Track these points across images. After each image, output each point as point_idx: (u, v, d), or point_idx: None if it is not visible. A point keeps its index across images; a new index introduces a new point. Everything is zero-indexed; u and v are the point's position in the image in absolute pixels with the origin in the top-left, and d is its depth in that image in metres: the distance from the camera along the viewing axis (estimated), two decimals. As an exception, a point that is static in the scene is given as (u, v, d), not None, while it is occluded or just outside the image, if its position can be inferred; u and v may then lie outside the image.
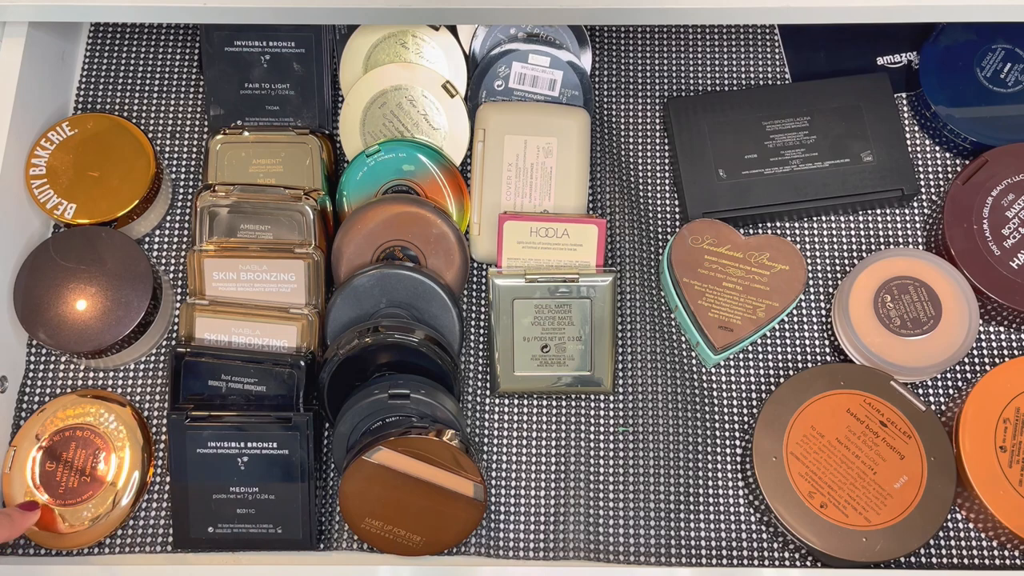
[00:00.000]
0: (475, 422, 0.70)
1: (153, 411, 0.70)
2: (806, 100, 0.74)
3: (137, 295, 0.68)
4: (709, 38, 0.80)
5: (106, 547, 0.67)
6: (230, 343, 0.69)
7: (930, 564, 0.66)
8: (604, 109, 0.78)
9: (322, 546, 0.67)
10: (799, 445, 0.64)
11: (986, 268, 0.69)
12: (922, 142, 0.77)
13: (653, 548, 0.66)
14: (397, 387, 0.64)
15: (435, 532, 0.64)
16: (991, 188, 0.71)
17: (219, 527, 0.65)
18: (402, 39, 0.76)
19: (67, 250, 0.69)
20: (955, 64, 0.75)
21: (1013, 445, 0.64)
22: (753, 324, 0.68)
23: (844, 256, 0.74)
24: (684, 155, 0.73)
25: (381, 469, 0.62)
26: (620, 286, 0.72)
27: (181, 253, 0.74)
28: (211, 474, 0.65)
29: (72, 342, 0.67)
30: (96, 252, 0.69)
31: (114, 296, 0.68)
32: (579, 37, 0.77)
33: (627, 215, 0.74)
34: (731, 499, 0.68)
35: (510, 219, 0.70)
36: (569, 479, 0.68)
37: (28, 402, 0.70)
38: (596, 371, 0.69)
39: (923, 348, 0.67)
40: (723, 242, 0.70)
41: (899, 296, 0.68)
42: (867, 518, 0.62)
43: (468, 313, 0.73)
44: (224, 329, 0.69)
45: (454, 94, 0.74)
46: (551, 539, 0.67)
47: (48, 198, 0.70)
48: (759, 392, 0.71)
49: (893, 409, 0.65)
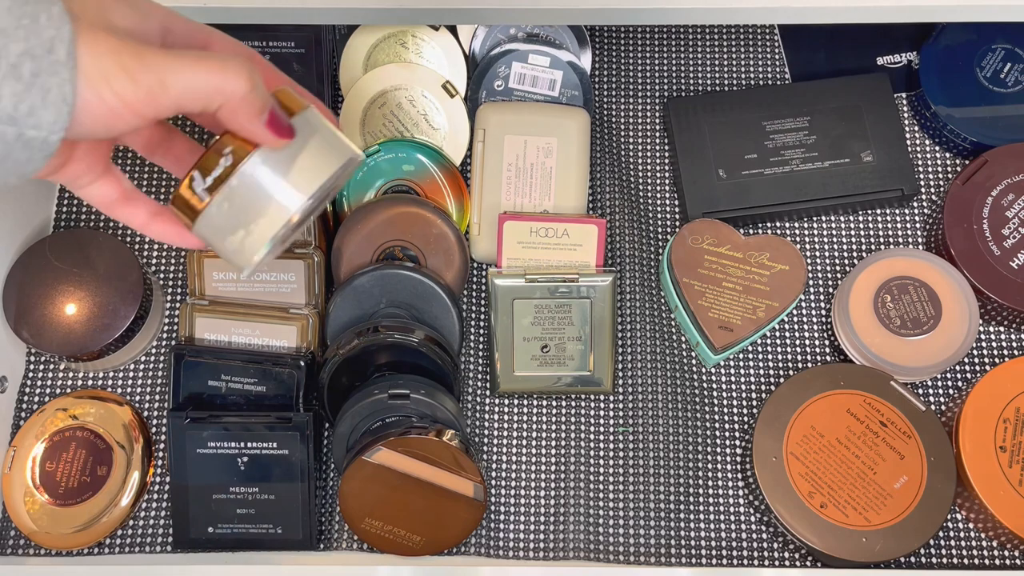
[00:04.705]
0: (475, 422, 0.70)
1: (153, 411, 0.70)
2: (806, 100, 0.74)
3: (125, 304, 0.68)
4: (709, 38, 0.80)
5: (106, 547, 0.67)
6: (230, 343, 0.69)
7: (930, 564, 0.66)
8: (604, 109, 0.78)
9: (322, 546, 0.67)
10: (799, 445, 0.64)
11: (986, 268, 0.69)
12: (922, 142, 0.77)
13: (653, 548, 0.66)
14: (397, 387, 0.64)
15: (435, 532, 0.64)
16: (991, 188, 0.71)
17: (219, 527, 0.65)
18: (402, 39, 0.76)
19: (62, 251, 0.69)
20: (955, 64, 0.75)
21: (1013, 445, 0.64)
22: (753, 324, 0.68)
23: (844, 256, 0.74)
24: (684, 155, 0.73)
25: (381, 469, 0.62)
26: (620, 286, 0.72)
27: (181, 253, 0.74)
28: (211, 474, 0.65)
29: (54, 344, 0.67)
30: (89, 256, 0.68)
31: (102, 303, 0.67)
32: (579, 37, 0.77)
33: (627, 215, 0.74)
34: (731, 499, 0.68)
35: (510, 219, 0.70)
36: (569, 479, 0.68)
37: (28, 402, 0.70)
38: (596, 371, 0.69)
39: (923, 348, 0.67)
40: (723, 242, 0.70)
41: (899, 296, 0.68)
42: (867, 518, 0.62)
43: (468, 313, 0.73)
44: (224, 329, 0.69)
45: (454, 94, 0.74)
46: (551, 539, 0.67)
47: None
48: (759, 392, 0.71)
49: (893, 409, 0.65)
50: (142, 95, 0.39)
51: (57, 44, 0.37)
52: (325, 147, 0.45)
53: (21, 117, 0.37)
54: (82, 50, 0.38)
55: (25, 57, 0.36)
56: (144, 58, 0.39)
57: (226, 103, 0.41)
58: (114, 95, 0.39)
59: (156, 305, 0.71)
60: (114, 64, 0.38)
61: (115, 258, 0.69)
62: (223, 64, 0.41)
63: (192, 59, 0.40)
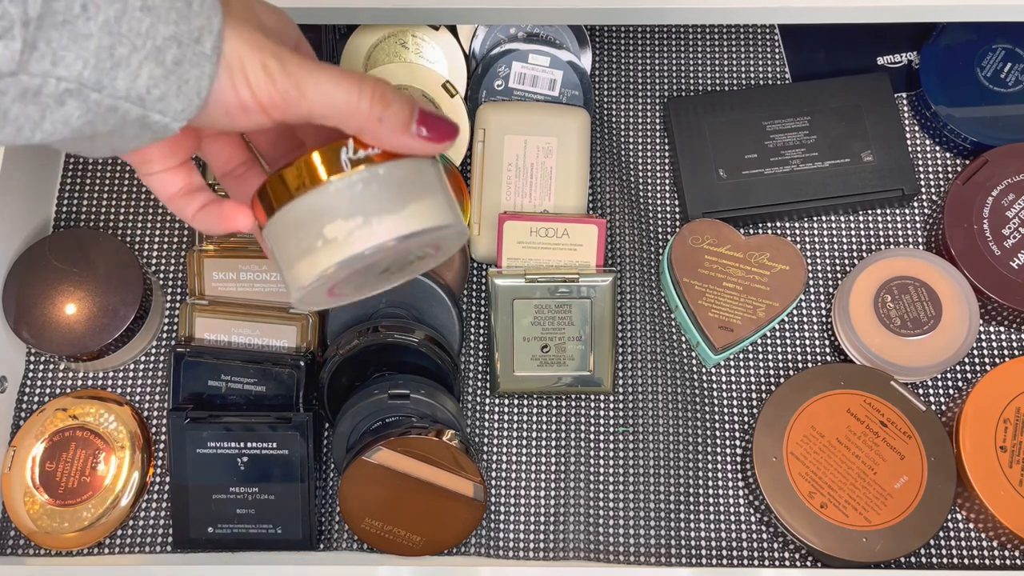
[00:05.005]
0: (475, 422, 0.70)
1: (153, 411, 0.70)
2: (806, 100, 0.74)
3: (125, 304, 0.68)
4: (709, 38, 0.80)
5: (106, 547, 0.67)
6: (230, 343, 0.69)
7: (930, 564, 0.66)
8: (604, 109, 0.78)
9: (322, 546, 0.67)
10: (799, 445, 0.64)
11: (986, 268, 0.69)
12: (922, 142, 0.77)
13: (653, 548, 0.66)
14: (397, 387, 0.64)
15: (435, 532, 0.64)
16: (991, 188, 0.71)
17: (219, 527, 0.65)
18: (402, 39, 0.76)
19: (62, 251, 0.69)
20: (955, 64, 0.75)
21: (1013, 445, 0.64)
22: (753, 324, 0.68)
23: (844, 256, 0.74)
24: (684, 155, 0.73)
25: (381, 469, 0.62)
26: (620, 286, 0.72)
27: (181, 253, 0.74)
28: (211, 474, 0.65)
29: (54, 344, 0.67)
30: (89, 256, 0.68)
31: (101, 303, 0.67)
32: (579, 37, 0.77)
33: (627, 215, 0.74)
34: (731, 499, 0.68)
35: (510, 219, 0.70)
36: (569, 479, 0.68)
37: (28, 402, 0.70)
38: (596, 371, 0.69)
39: (923, 348, 0.67)
40: (723, 242, 0.70)
41: (899, 296, 0.68)
42: (867, 518, 0.62)
43: (468, 313, 0.73)
44: (224, 329, 0.69)
45: (454, 94, 0.74)
46: (551, 539, 0.67)
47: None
48: (759, 392, 0.71)
49: (893, 409, 0.65)
50: (277, 97, 0.39)
51: (205, 35, 0.36)
52: (444, 199, 0.43)
53: (152, 100, 0.36)
54: (227, 43, 0.37)
55: (171, 42, 0.35)
56: (285, 61, 0.39)
57: (365, 123, 0.41)
58: (250, 92, 0.38)
59: (156, 305, 0.71)
60: (256, 61, 0.38)
61: (115, 258, 0.69)
62: (359, 81, 0.40)
63: (332, 72, 0.40)
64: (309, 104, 0.40)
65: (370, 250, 0.41)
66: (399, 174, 0.42)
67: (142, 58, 0.35)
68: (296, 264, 0.42)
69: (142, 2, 0.35)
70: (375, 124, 0.41)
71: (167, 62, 0.36)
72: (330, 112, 0.40)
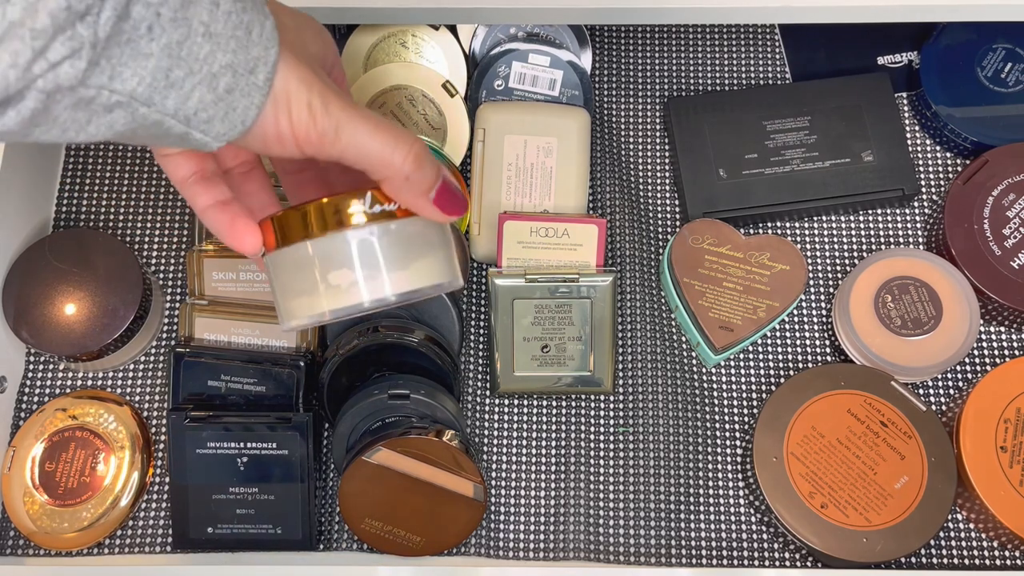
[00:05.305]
0: (475, 422, 0.70)
1: (153, 411, 0.70)
2: (806, 100, 0.74)
3: (125, 304, 0.67)
4: (709, 38, 0.80)
5: (105, 548, 0.67)
6: (230, 343, 0.69)
7: (930, 564, 0.66)
8: (604, 109, 0.78)
9: (322, 546, 0.67)
10: (799, 445, 0.64)
11: (987, 268, 0.69)
12: (922, 142, 0.77)
13: (653, 548, 0.66)
14: (397, 387, 0.64)
15: (435, 532, 0.64)
16: (992, 188, 0.71)
17: (219, 527, 0.65)
18: (402, 39, 0.76)
19: (62, 251, 0.69)
20: (956, 64, 0.75)
21: (1014, 445, 0.64)
22: (753, 324, 0.68)
23: (844, 256, 0.74)
24: (684, 155, 0.73)
25: (381, 469, 0.62)
26: (620, 286, 0.72)
27: (181, 253, 0.74)
28: (210, 474, 0.65)
29: (54, 344, 0.67)
30: (89, 256, 0.68)
31: (101, 303, 0.67)
32: (579, 37, 0.77)
33: (627, 215, 0.74)
34: (731, 499, 0.68)
35: (510, 219, 0.70)
36: (569, 479, 0.68)
37: (27, 402, 0.70)
38: (596, 371, 0.69)
39: (923, 348, 0.67)
40: (723, 242, 0.70)
41: (899, 296, 0.68)
42: (867, 518, 0.62)
43: (468, 313, 0.73)
44: (224, 329, 0.69)
45: (454, 94, 0.74)
46: (551, 539, 0.67)
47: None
48: (759, 392, 0.71)
49: (893, 409, 0.65)
50: (315, 136, 0.40)
51: (260, 67, 0.37)
52: (445, 255, 0.44)
53: (197, 122, 0.37)
54: (278, 75, 0.38)
55: (227, 70, 0.36)
56: (329, 102, 0.40)
57: (392, 177, 0.42)
58: (290, 127, 0.39)
59: (156, 305, 0.71)
60: (303, 99, 0.39)
61: (115, 258, 0.69)
62: (396, 137, 0.41)
63: (372, 121, 0.41)
64: (343, 147, 0.40)
65: (370, 303, 0.43)
66: (410, 231, 0.43)
67: (196, 82, 0.36)
68: (294, 299, 0.43)
69: (205, 28, 0.35)
70: (401, 181, 0.42)
71: (219, 89, 0.36)
72: (362, 159, 0.41)
